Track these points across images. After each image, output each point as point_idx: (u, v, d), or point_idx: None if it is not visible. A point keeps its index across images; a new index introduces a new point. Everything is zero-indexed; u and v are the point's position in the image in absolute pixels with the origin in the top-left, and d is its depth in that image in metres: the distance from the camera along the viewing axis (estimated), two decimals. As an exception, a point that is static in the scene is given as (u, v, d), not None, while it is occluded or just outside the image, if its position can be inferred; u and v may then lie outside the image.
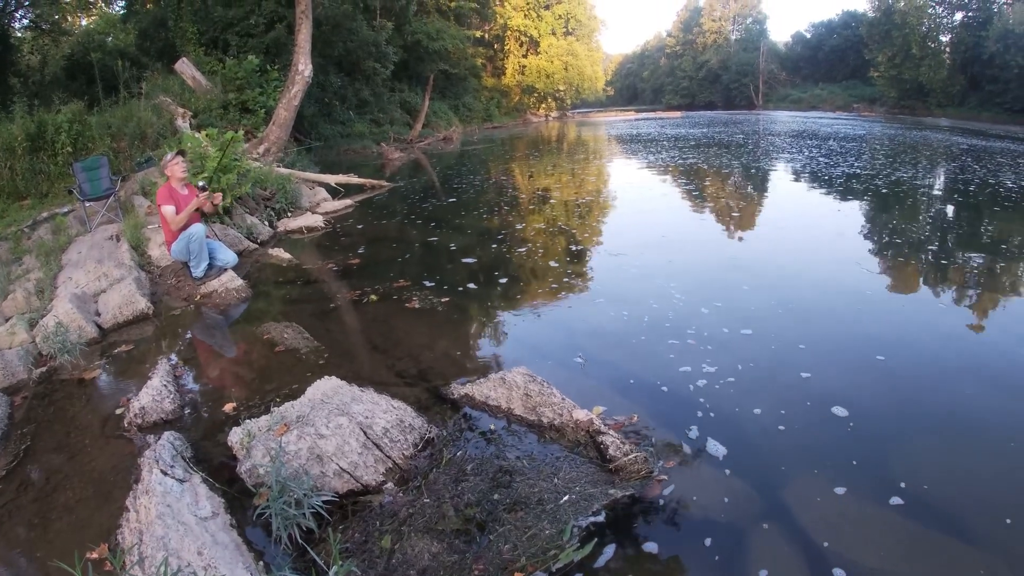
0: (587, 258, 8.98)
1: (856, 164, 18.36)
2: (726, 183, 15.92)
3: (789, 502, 3.48)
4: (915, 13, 70.11)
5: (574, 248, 9.56)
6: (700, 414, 4.37)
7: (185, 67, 19.25)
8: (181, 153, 8.03)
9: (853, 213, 11.84)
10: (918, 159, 19.93)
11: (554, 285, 7.59)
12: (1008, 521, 3.29)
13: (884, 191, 13.81)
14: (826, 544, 3.14)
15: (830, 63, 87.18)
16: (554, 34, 61.50)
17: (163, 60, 22.68)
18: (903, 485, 3.58)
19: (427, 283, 7.60)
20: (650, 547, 3.18)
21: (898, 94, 70.74)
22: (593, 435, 3.98)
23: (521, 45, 59.82)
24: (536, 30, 59.31)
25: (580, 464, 3.79)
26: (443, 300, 6.97)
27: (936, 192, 14.29)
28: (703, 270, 8.15)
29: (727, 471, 3.77)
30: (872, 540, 3.19)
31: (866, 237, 9.96)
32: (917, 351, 5.45)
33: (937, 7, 74.12)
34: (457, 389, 4.67)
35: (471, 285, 7.62)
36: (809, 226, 10.88)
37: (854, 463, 3.79)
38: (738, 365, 5.09)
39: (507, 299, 7.19)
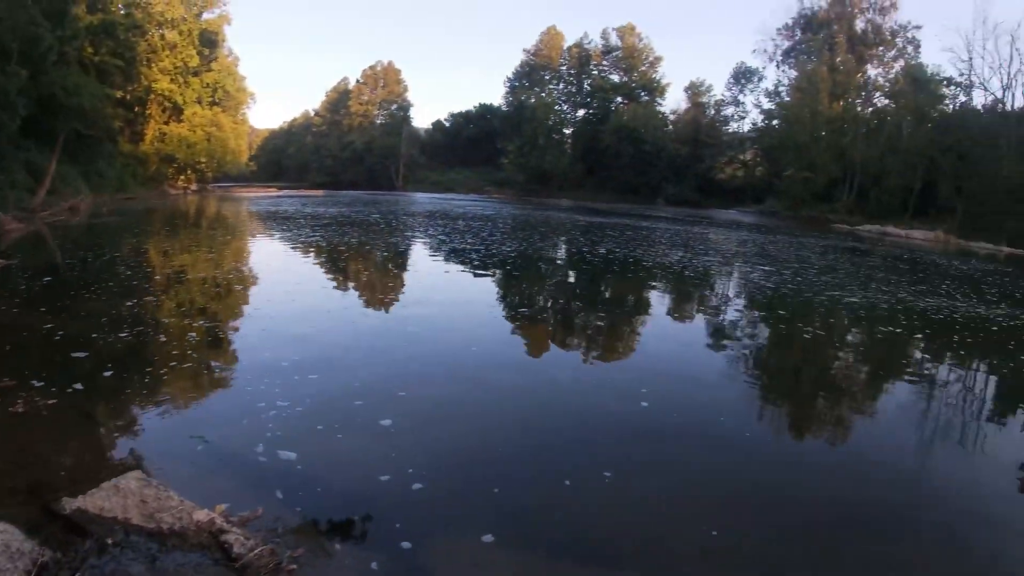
0: (219, 342, 8.67)
1: (482, 238, 20.31)
2: (354, 260, 16.61)
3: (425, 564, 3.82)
4: (544, 109, 79.49)
5: (206, 333, 9.06)
6: (325, 500, 4.45)
7: None
8: None
9: (458, 278, 13.33)
10: (541, 233, 23.06)
11: (189, 378, 7.12)
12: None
13: (495, 262, 15.61)
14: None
15: (466, 150, 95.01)
16: (200, 103, 59.01)
17: None
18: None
19: (36, 381, 6.46)
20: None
21: (525, 178, 79.56)
22: (216, 535, 3.88)
23: (164, 111, 56.52)
24: (182, 96, 56.40)
25: (206, 568, 3.69)
26: (54, 401, 6.06)
27: (554, 260, 16.67)
28: (337, 348, 8.37)
29: (354, 550, 3.94)
30: None
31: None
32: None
33: (563, 104, 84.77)
34: (69, 503, 4.20)
35: (90, 381, 6.75)
36: (436, 299, 11.96)
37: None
38: (370, 448, 5.32)
39: (133, 396, 6.56)
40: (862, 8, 70.97)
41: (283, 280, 13.63)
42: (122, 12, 48.64)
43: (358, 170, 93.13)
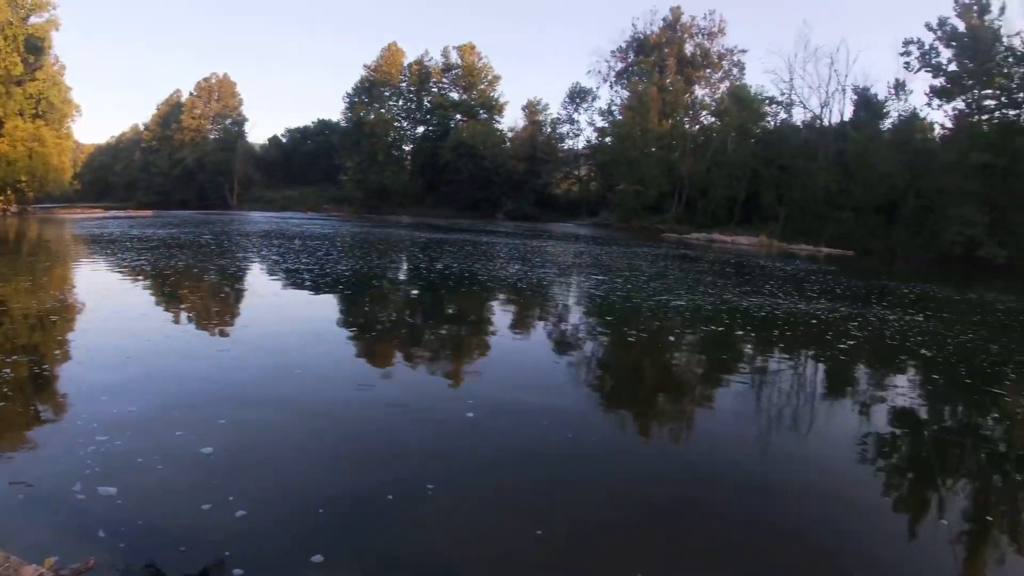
0: (35, 378, 7.75)
1: (318, 258, 19.87)
2: (181, 285, 15.77)
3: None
4: (382, 125, 79.30)
5: (21, 369, 7.99)
6: (162, 543, 4.17)
7: None
8: None
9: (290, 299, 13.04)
10: (379, 251, 22.81)
11: (2, 419, 6.39)
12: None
13: (330, 282, 15.41)
14: None
15: (303, 166, 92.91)
16: (22, 115, 54.06)
17: None
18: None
19: None
20: None
21: (364, 195, 78.97)
22: None
23: (-18, 125, 51.57)
24: (2, 108, 51.55)
25: None
26: None
27: (391, 277, 16.54)
28: (158, 378, 7.73)
29: None
30: None
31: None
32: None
33: (403, 121, 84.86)
34: None
35: None
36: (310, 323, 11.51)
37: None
38: (201, 489, 4.90)
39: None
40: (691, 33, 75.83)
41: (106, 309, 12.21)
42: None
43: (190, 188, 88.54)
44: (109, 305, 12.71)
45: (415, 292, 15.53)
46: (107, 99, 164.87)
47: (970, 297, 21.71)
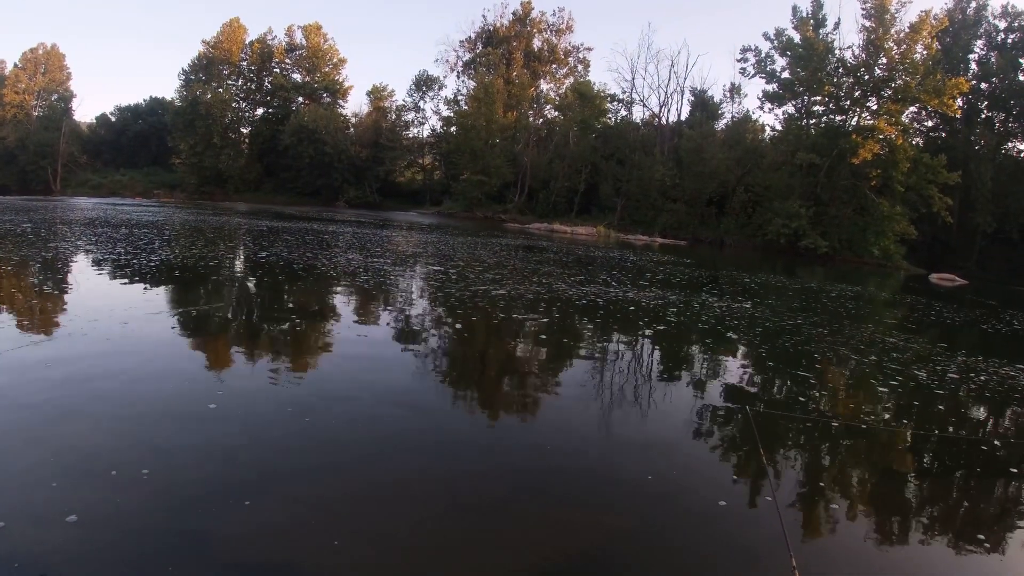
0: None
1: (161, 252, 18.93)
2: (23, 280, 14.83)
3: None
4: (219, 106, 76.05)
5: None
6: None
7: None
8: None
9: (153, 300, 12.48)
10: (209, 239, 21.87)
11: None
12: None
13: (157, 272, 14.79)
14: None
15: (133, 148, 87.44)
16: None
17: None
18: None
19: None
20: None
21: (198, 180, 75.80)
22: None
23: None
24: None
25: None
26: None
27: (220, 268, 15.93)
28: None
29: None
30: None
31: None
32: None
33: (241, 102, 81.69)
34: None
35: None
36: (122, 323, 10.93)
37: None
38: (45, 509, 4.33)
39: None
40: (540, 28, 77.42)
41: None
42: None
43: (9, 171, 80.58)
44: None
45: (249, 283, 15.04)
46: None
47: (807, 286, 23.37)
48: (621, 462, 5.87)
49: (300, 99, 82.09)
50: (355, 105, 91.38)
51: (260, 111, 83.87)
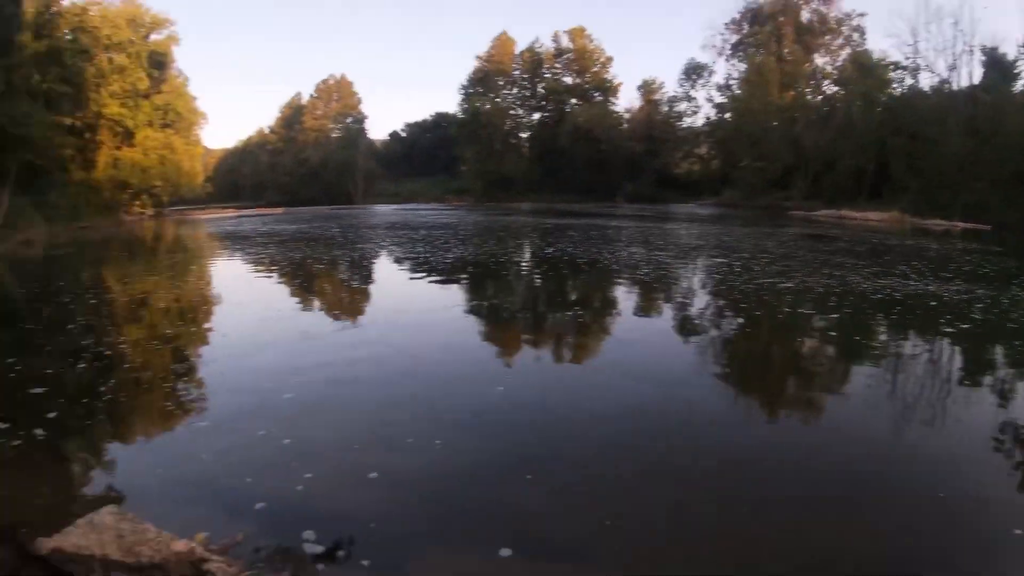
0: (187, 372, 8.59)
1: (456, 250, 20.37)
2: (331, 277, 16.76)
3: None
4: (498, 114, 79.86)
5: (174, 362, 9.08)
6: (315, 524, 4.34)
7: None
8: None
9: (452, 294, 13.57)
10: (499, 238, 23.23)
11: (151, 408, 7.21)
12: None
13: (460, 269, 15.83)
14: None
15: (423, 159, 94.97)
16: (151, 126, 58.10)
17: None
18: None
19: None
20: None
21: (484, 185, 79.65)
22: (198, 564, 3.79)
23: (115, 136, 55.63)
24: (133, 121, 55.53)
25: None
26: (17, 440, 5.91)
27: (516, 263, 16.89)
28: (313, 368, 8.31)
29: (337, 571, 3.94)
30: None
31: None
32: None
33: (519, 109, 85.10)
34: (45, 544, 4.11)
35: (53, 416, 6.51)
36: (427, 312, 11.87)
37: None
38: (350, 466, 5.32)
39: (97, 430, 6.59)
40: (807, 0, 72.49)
41: (244, 301, 13.81)
42: (68, 37, 48.00)
43: (315, 186, 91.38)
44: (250, 298, 14.07)
45: (537, 277, 15.74)
46: (231, 107, 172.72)
47: None
48: (907, 473, 5.50)
49: (573, 100, 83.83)
50: (626, 101, 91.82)
51: (536, 116, 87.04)
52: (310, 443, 5.79)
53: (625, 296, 13.28)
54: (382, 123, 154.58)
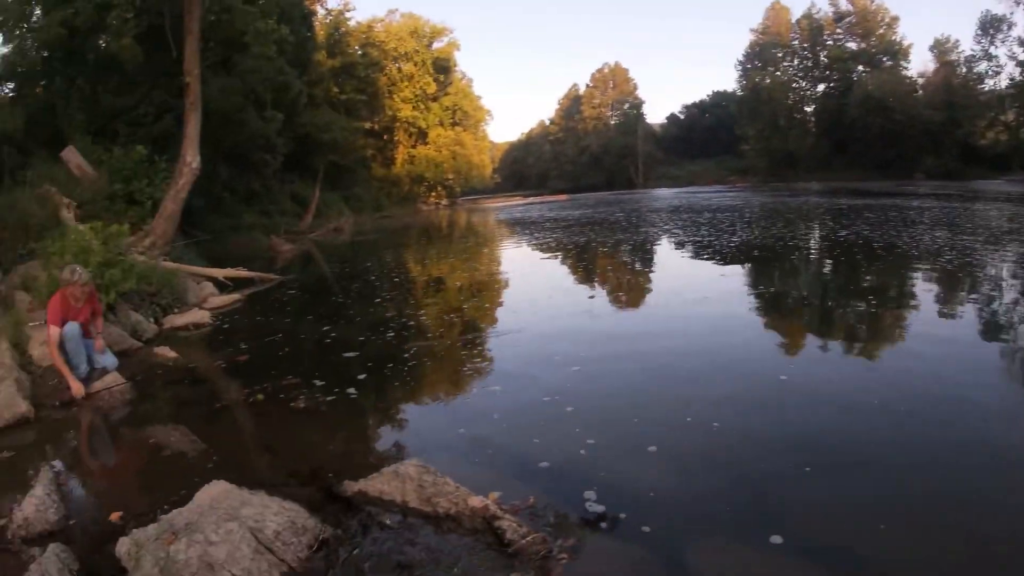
0: (484, 344, 9.01)
1: (740, 234, 19.44)
2: (614, 260, 16.73)
3: (693, 569, 3.56)
4: (781, 88, 75.49)
5: (471, 335, 9.62)
6: (596, 488, 4.36)
7: (71, 155, 18.52)
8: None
9: (740, 280, 12.84)
10: (788, 220, 21.71)
11: (451, 375, 7.66)
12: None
13: (746, 254, 14.96)
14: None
15: (703, 140, 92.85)
16: (442, 125, 63.13)
17: (50, 147, 21.69)
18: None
19: (316, 379, 7.34)
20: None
21: (768, 164, 75.35)
22: (490, 521, 3.91)
23: (410, 136, 61.06)
24: (424, 121, 60.84)
25: (479, 551, 3.74)
26: (332, 397, 6.76)
27: (809, 248, 15.64)
28: (598, 344, 8.38)
29: (627, 544, 3.79)
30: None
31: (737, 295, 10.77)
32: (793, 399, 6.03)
33: (801, 81, 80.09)
34: (350, 486, 4.50)
35: (363, 377, 7.45)
36: (701, 296, 11.28)
37: (749, 523, 3.96)
38: (630, 438, 5.27)
39: (401, 392, 7.17)
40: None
41: (532, 281, 14.50)
42: (359, 53, 53.63)
43: (597, 172, 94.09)
44: (541, 278, 14.61)
45: (826, 263, 14.54)
46: (513, 102, 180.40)
47: None
48: None
49: (859, 68, 77.35)
50: (918, 64, 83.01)
51: (820, 87, 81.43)
52: (592, 412, 5.88)
53: (923, 287, 11.45)
54: (659, 107, 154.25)
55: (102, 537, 4.21)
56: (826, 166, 72.30)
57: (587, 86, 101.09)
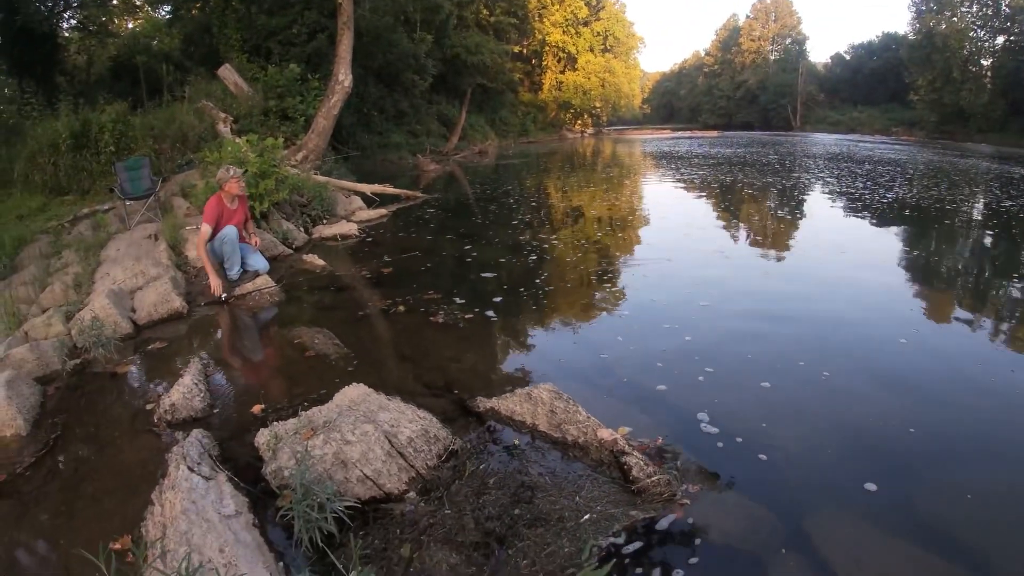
0: (619, 274, 9.02)
1: (897, 190, 18.11)
2: (759, 203, 16.09)
3: (812, 531, 3.42)
4: (956, 37, 68.70)
5: (606, 264, 9.67)
6: (728, 441, 4.29)
7: (228, 73, 19.51)
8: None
9: (885, 238, 12.03)
10: (967, 184, 19.84)
11: (584, 302, 7.72)
12: None
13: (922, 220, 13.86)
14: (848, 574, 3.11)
15: (869, 86, 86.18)
16: (592, 51, 61.65)
17: (206, 65, 22.81)
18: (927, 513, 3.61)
19: (456, 296, 7.58)
20: (669, 571, 3.12)
21: (938, 119, 69.37)
22: (617, 455, 3.91)
23: (559, 61, 60.03)
24: (574, 47, 59.54)
25: (602, 484, 3.75)
26: (470, 314, 6.94)
27: (967, 217, 14.32)
28: (734, 288, 8.22)
29: (751, 497, 3.71)
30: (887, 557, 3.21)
31: (892, 260, 10.10)
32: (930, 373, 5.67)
33: (979, 31, 72.78)
34: (483, 403, 4.63)
35: (499, 299, 7.58)
36: (839, 248, 10.77)
37: (876, 490, 3.78)
38: (769, 391, 5.10)
39: (536, 315, 7.22)
40: None
41: (671, 216, 14.45)
42: None
43: (752, 110, 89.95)
44: (682, 217, 14.32)
45: (986, 233, 13.14)
46: (668, 31, 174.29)
47: None
48: None
49: (1049, 20, 69.96)
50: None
51: (1000, 39, 74.35)
52: (711, 345, 6.04)
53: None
54: (824, 45, 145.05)
55: (243, 427, 4.53)
56: (1001, 128, 66.08)
57: (747, 17, 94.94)
